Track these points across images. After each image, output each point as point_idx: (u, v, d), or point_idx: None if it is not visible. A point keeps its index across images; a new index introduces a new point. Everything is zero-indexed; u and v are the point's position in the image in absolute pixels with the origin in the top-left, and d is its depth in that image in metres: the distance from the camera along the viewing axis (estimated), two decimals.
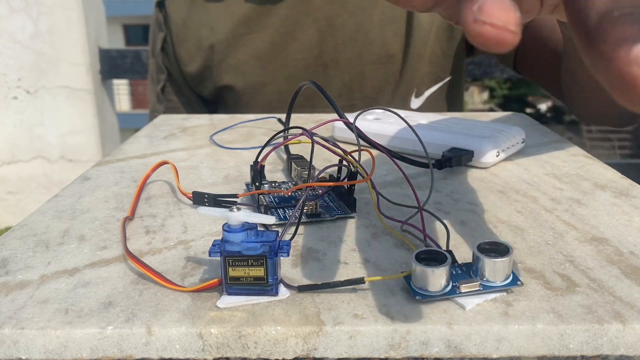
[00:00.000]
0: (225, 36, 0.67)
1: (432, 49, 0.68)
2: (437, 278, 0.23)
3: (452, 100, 0.72)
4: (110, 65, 1.57)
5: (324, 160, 0.43)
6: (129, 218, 0.32)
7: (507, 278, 0.24)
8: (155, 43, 0.73)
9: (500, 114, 0.58)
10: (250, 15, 0.66)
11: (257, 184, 0.34)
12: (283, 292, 0.24)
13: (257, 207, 0.33)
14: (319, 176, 0.33)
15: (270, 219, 0.24)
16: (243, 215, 0.23)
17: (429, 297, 0.23)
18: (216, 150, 0.47)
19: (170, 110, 0.74)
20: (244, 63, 0.68)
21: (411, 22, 0.66)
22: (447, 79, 0.70)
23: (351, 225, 0.31)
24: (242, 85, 0.68)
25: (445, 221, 0.30)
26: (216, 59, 0.68)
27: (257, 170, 0.34)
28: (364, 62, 0.67)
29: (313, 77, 0.66)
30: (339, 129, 0.48)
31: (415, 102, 0.65)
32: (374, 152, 0.33)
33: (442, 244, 0.28)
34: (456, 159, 0.39)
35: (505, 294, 0.24)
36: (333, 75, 0.67)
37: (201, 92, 0.72)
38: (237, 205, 0.24)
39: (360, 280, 0.24)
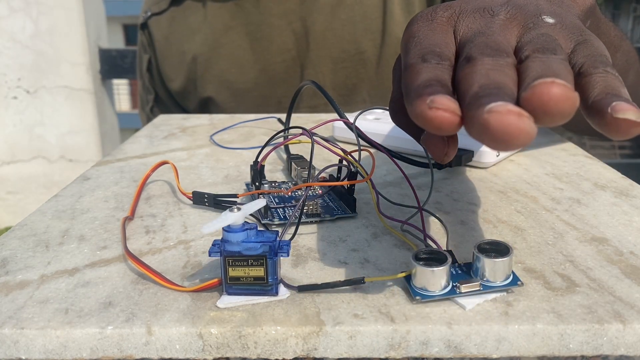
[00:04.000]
0: (207, 47, 0.68)
1: None
2: (437, 278, 0.23)
3: None
4: (110, 65, 1.57)
5: (324, 160, 0.43)
6: (129, 218, 0.32)
7: (507, 278, 0.24)
8: (142, 65, 0.75)
9: None
10: (230, 25, 0.67)
11: (257, 183, 0.34)
12: (283, 292, 0.24)
13: None
14: (319, 176, 0.33)
15: (261, 202, 0.24)
16: (241, 214, 0.23)
17: (429, 297, 0.23)
18: (216, 150, 0.47)
19: None
20: (227, 72, 0.68)
21: (385, 21, 0.66)
22: None
23: (351, 225, 0.31)
24: (226, 95, 0.69)
25: (445, 221, 0.30)
26: (199, 71, 0.69)
27: (257, 170, 0.34)
28: (335, 60, 0.67)
29: (292, 78, 0.67)
30: (339, 129, 0.48)
31: None
32: (374, 152, 0.33)
33: (442, 244, 0.28)
34: (456, 159, 0.39)
35: (505, 294, 0.24)
36: (308, 75, 0.68)
37: (187, 106, 0.73)
38: (237, 205, 0.24)
39: (360, 280, 0.24)
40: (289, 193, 0.34)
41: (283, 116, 0.52)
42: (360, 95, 0.68)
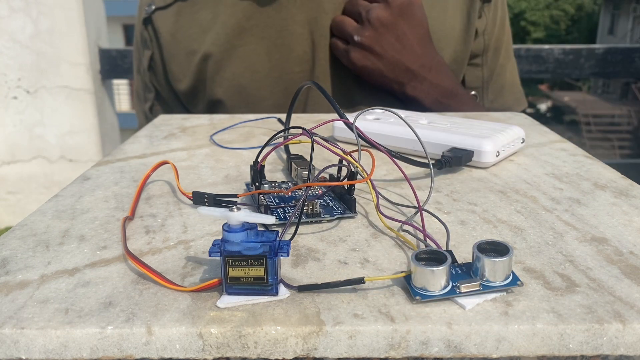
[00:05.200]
0: (219, 48, 0.64)
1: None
2: (437, 278, 0.23)
3: None
4: (110, 65, 1.57)
5: (324, 160, 0.43)
6: (129, 218, 0.32)
7: (507, 278, 0.24)
8: (141, 61, 0.70)
9: (500, 114, 0.58)
10: (245, 26, 0.64)
11: (257, 184, 0.34)
12: (283, 292, 0.24)
13: (257, 207, 0.33)
14: (319, 176, 0.33)
15: (270, 219, 0.24)
16: (243, 215, 0.23)
17: (429, 297, 0.23)
18: (216, 150, 0.47)
19: None
20: (239, 76, 0.64)
21: None
22: None
23: (351, 225, 0.31)
24: (236, 99, 0.65)
25: (445, 221, 0.30)
26: (209, 72, 0.65)
27: (257, 170, 0.34)
28: (352, 77, 0.64)
29: (311, 90, 0.65)
30: (339, 129, 0.48)
31: None
32: (374, 152, 0.33)
33: (442, 244, 0.28)
34: (456, 159, 0.39)
35: (505, 293, 0.24)
36: (326, 89, 0.65)
37: (193, 108, 0.69)
38: (237, 205, 0.24)
39: (360, 280, 0.24)
40: (289, 193, 0.34)
41: (283, 116, 0.52)
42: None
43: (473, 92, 0.70)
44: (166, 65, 0.68)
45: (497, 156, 0.41)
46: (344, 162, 0.32)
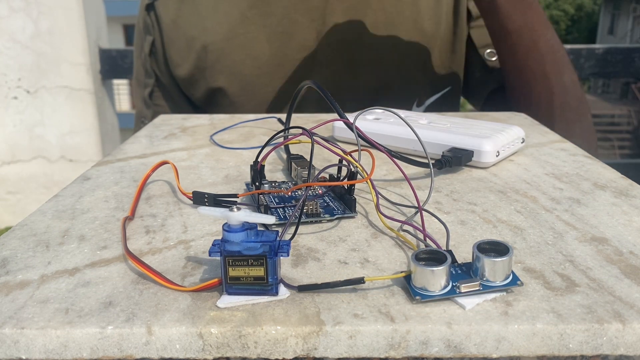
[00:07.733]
0: (221, 36, 0.65)
1: (434, 60, 0.67)
2: (436, 278, 0.23)
3: (450, 107, 0.71)
4: (111, 65, 1.57)
5: (324, 160, 0.43)
6: (129, 218, 0.32)
7: (507, 278, 0.24)
8: (143, 47, 0.71)
9: (500, 114, 0.58)
10: (247, 15, 0.65)
11: (257, 183, 0.34)
12: (283, 292, 0.24)
13: (257, 207, 0.33)
14: (319, 176, 0.33)
15: (270, 219, 0.24)
16: (243, 215, 0.23)
17: (428, 297, 0.23)
18: (216, 150, 0.47)
19: (158, 115, 0.73)
20: (240, 63, 0.66)
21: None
22: (448, 88, 0.69)
23: (351, 225, 0.31)
24: (237, 87, 0.67)
25: (445, 221, 0.30)
26: (210, 60, 0.66)
27: (257, 170, 0.34)
28: (356, 64, 0.66)
29: (309, 77, 0.65)
30: (339, 129, 0.48)
31: (417, 110, 0.65)
32: (374, 152, 0.33)
33: (442, 244, 0.28)
34: (456, 159, 0.39)
35: (505, 293, 0.24)
36: (327, 75, 0.66)
37: (192, 94, 0.70)
38: (237, 205, 0.24)
39: (360, 280, 0.24)
40: (289, 193, 0.34)
41: (283, 116, 0.52)
42: (379, 102, 0.67)
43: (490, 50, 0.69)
44: (166, 51, 0.69)
45: (497, 156, 0.41)
46: (344, 162, 0.32)
